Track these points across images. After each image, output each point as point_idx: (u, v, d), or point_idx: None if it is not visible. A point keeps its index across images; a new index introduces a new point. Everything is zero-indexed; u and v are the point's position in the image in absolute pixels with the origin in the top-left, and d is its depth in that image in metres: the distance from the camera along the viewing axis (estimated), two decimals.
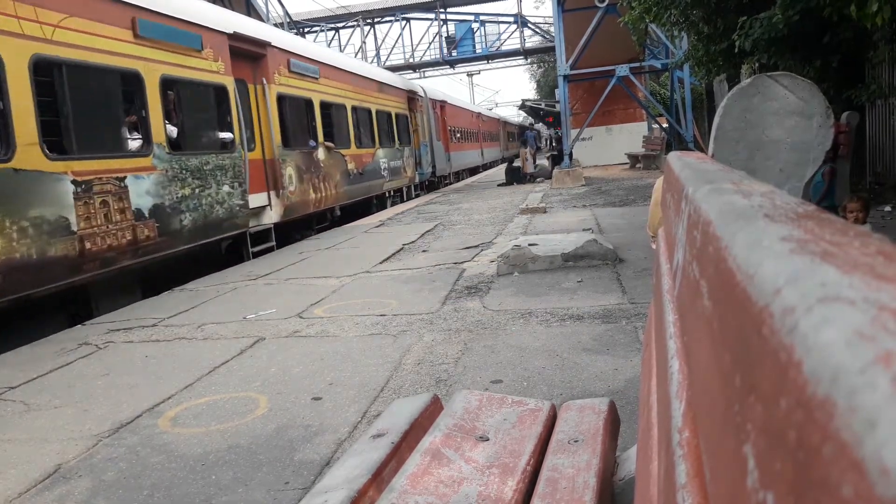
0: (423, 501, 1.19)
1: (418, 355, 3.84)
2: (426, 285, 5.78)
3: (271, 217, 9.48)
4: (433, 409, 1.65)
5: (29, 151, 5.36)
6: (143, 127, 6.92)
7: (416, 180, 18.32)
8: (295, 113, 10.51)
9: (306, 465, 2.63)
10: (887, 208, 7.68)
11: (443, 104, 22.66)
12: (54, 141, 5.69)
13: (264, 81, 9.55)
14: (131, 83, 6.80)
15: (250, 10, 15.44)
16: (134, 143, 6.84)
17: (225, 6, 10.60)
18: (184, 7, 7.79)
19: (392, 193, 16.00)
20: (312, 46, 12.76)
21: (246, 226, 8.67)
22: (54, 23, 5.78)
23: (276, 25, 14.85)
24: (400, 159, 16.45)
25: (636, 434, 1.30)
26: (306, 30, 28.69)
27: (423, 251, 7.79)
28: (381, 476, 1.31)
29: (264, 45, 9.61)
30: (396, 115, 16.47)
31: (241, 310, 5.45)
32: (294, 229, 10.62)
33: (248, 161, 8.68)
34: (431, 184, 20.65)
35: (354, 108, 13.31)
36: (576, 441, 1.46)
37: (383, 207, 14.99)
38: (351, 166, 12.74)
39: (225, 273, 7.57)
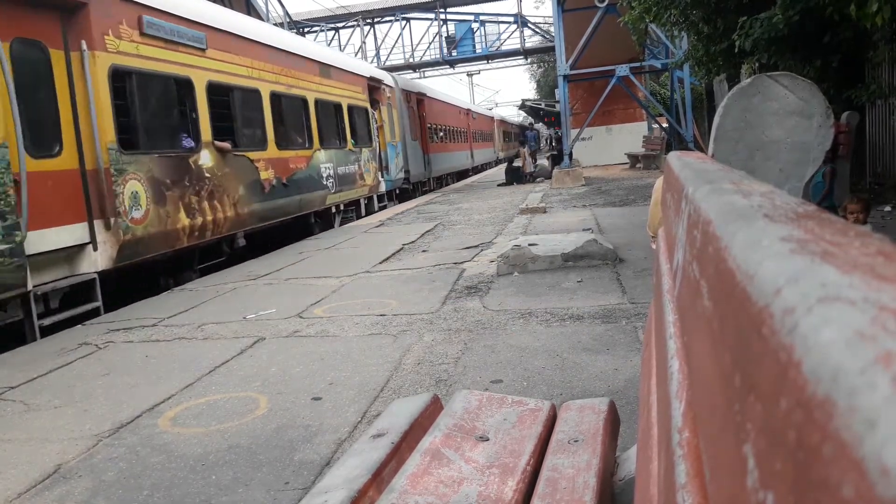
0: (423, 501, 1.19)
1: (418, 355, 3.84)
2: (426, 285, 5.78)
3: (95, 262, 6.19)
4: (433, 409, 1.65)
5: None
6: None
7: (382, 189, 14.96)
8: (153, 98, 7.26)
9: (306, 465, 2.63)
10: (887, 208, 7.69)
11: (421, 97, 19.54)
12: None
13: (84, 46, 6.13)
14: None
15: (250, 10, 15.31)
16: None
17: (225, 5, 10.32)
18: None
19: (343, 208, 12.65)
20: (191, 1, 8.35)
21: (21, 285, 5.28)
22: None
23: (276, 25, 14.75)
24: (354, 164, 13.06)
25: (636, 434, 1.30)
26: (306, 29, 28.71)
27: (423, 251, 7.79)
28: (381, 476, 1.31)
29: None
30: (350, 108, 13.08)
31: (240, 310, 5.45)
32: (159, 272, 7.47)
33: (26, 174, 5.39)
34: (405, 192, 17.42)
35: (276, 96, 9.89)
36: (576, 441, 1.46)
37: (329, 226, 11.85)
38: (266, 175, 9.32)
39: (224, 273, 7.57)
